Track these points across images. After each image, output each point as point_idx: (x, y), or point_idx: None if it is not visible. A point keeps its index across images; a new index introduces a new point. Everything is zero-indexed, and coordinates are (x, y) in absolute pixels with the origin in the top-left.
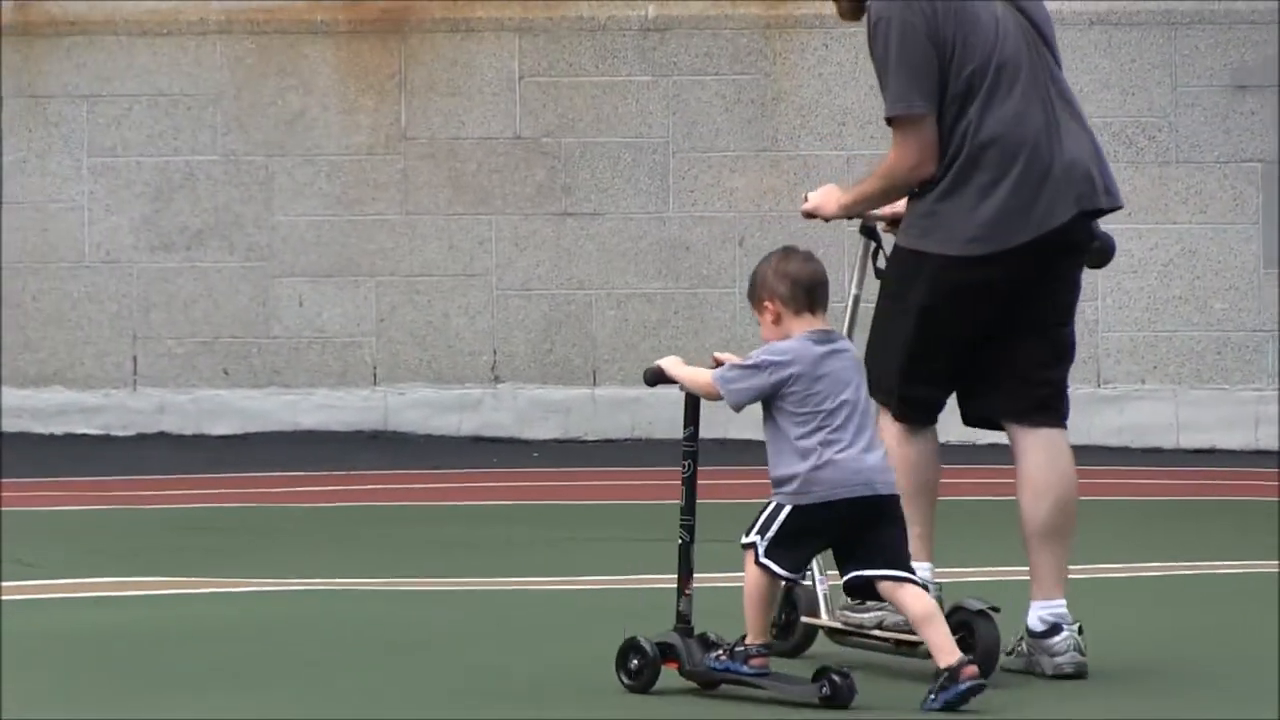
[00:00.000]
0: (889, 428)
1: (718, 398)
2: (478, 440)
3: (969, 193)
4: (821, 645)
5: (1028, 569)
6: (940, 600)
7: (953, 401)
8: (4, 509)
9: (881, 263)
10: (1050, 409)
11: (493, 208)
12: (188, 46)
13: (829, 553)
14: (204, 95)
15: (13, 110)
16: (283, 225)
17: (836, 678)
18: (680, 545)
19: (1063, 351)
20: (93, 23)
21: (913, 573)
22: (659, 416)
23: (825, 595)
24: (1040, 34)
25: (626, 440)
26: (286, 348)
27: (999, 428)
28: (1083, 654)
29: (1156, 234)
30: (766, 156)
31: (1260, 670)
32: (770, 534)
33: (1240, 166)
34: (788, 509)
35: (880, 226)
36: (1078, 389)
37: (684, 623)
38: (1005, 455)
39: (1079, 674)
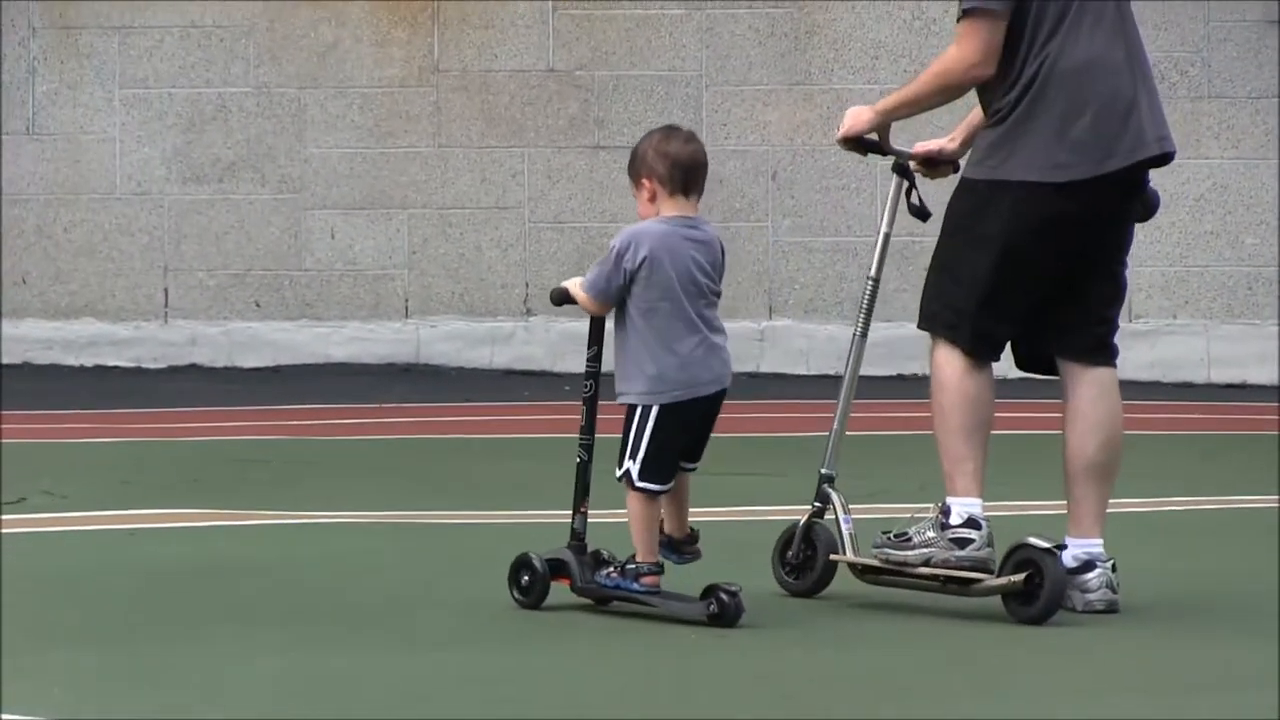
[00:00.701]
0: (953, 360)
1: (595, 307)
2: (509, 373)
3: (1051, 119)
4: (848, 585)
5: (1066, 505)
6: (990, 537)
7: None
8: (34, 441)
9: (916, 200)
10: (1108, 348)
11: (525, 140)
12: None
13: (848, 488)
14: (236, 27)
15: (44, 42)
16: (315, 157)
17: (725, 595)
18: (579, 464)
19: (1122, 291)
20: None
21: (697, 461)
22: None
23: (851, 534)
24: None
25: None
26: (318, 280)
27: (1050, 369)
28: (1115, 592)
29: (1188, 169)
30: (800, 90)
31: None
32: (640, 454)
33: (1273, 101)
34: (653, 415)
35: (913, 165)
36: None
37: (577, 540)
38: (1038, 390)
39: (1110, 610)
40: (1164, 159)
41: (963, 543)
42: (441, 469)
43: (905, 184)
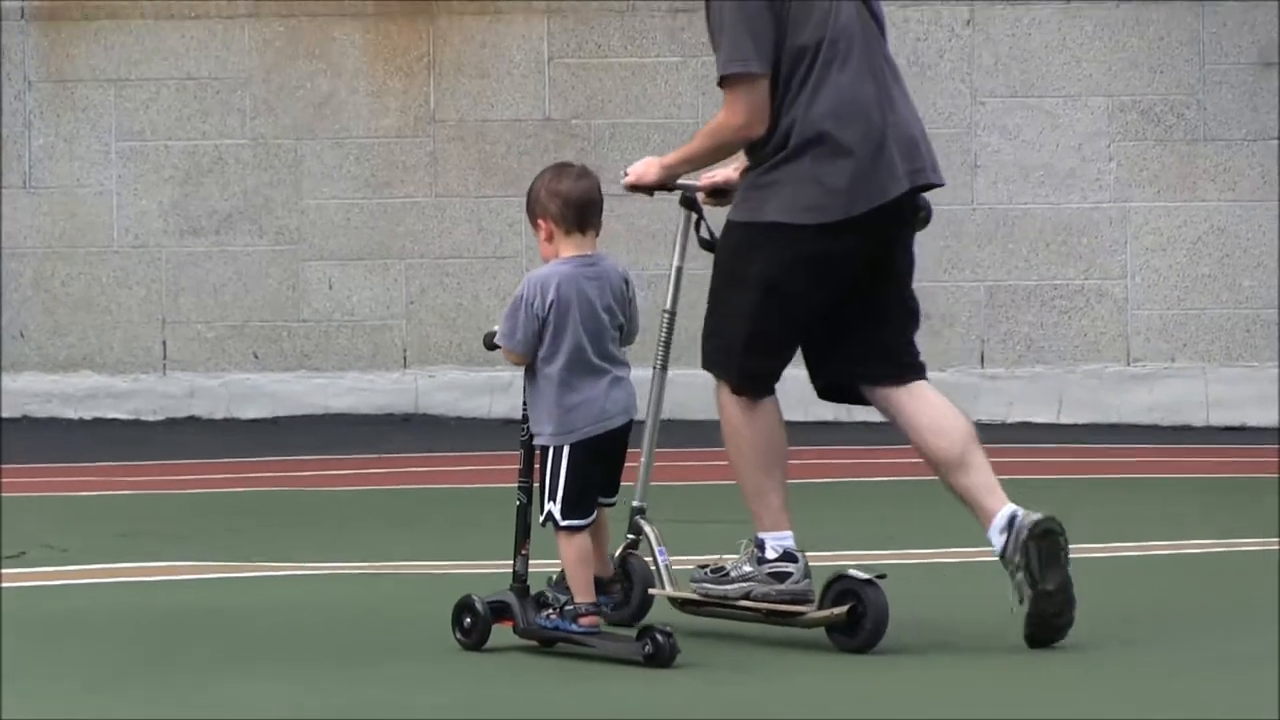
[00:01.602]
0: (729, 402)
1: (514, 359)
2: (509, 422)
3: (806, 163)
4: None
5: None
6: (807, 568)
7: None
8: (34, 494)
9: (705, 233)
10: (918, 366)
11: (522, 189)
12: (216, 30)
13: (860, 534)
14: (232, 78)
15: (41, 95)
16: (312, 208)
17: (660, 636)
18: (518, 507)
19: (914, 313)
20: (120, 6)
21: (613, 495)
22: (690, 398)
23: (667, 566)
24: (869, 6)
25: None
26: (316, 331)
27: (855, 398)
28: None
29: (1185, 211)
30: None
31: None
32: (559, 493)
33: (1268, 144)
34: (565, 455)
35: (700, 197)
36: (1107, 367)
37: (520, 582)
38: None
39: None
40: (925, 188)
41: (781, 576)
42: (441, 518)
43: (694, 217)
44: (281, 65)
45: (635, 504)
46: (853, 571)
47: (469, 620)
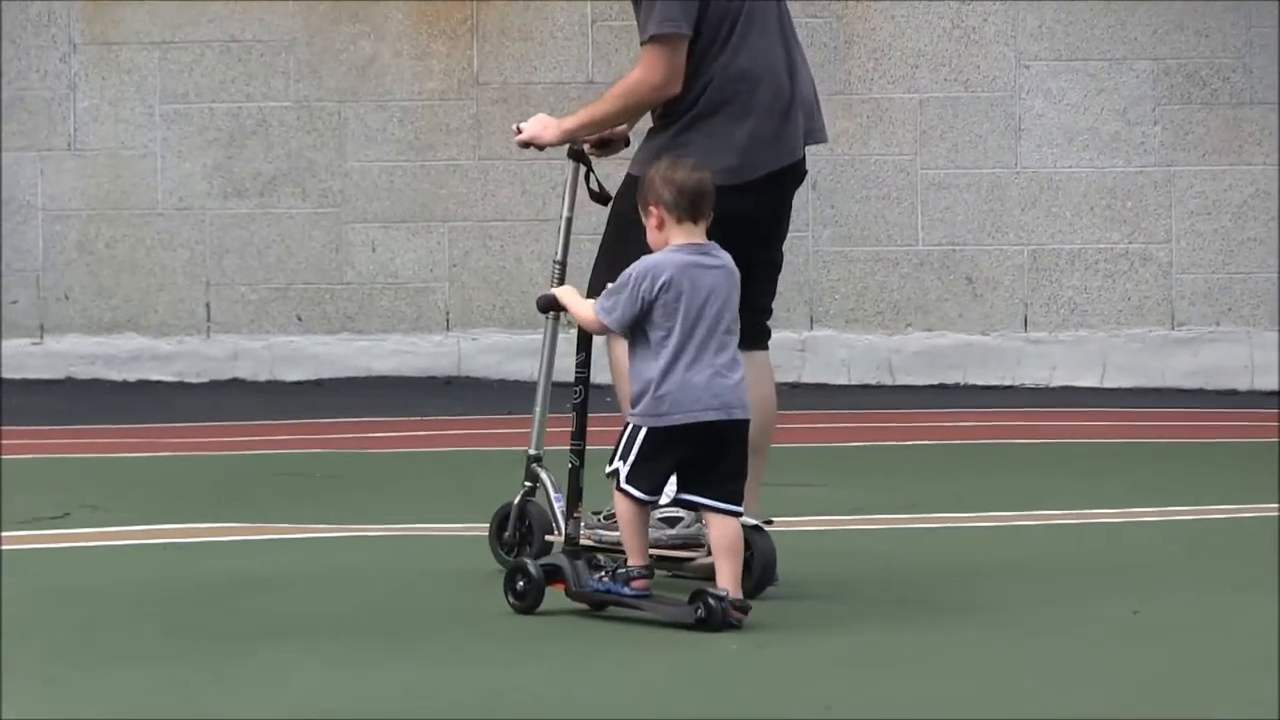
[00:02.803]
0: (621, 352)
1: (602, 330)
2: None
3: (716, 123)
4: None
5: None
6: (699, 517)
7: None
8: (77, 456)
9: (595, 185)
10: (764, 333)
11: (565, 152)
12: None
13: (884, 499)
14: (276, 41)
15: (85, 58)
16: (355, 171)
17: (711, 600)
18: (570, 469)
19: (777, 275)
20: None
21: (738, 503)
22: None
23: (562, 512)
24: None
25: None
26: (360, 294)
27: None
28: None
29: (1230, 175)
30: (839, 100)
31: None
32: (630, 459)
33: None
34: (644, 432)
35: (587, 149)
36: (1151, 331)
37: (571, 545)
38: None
39: (776, 581)
40: (816, 143)
41: (672, 521)
42: (483, 481)
43: (583, 169)
44: (325, 28)
45: (531, 452)
46: (742, 520)
47: (522, 583)
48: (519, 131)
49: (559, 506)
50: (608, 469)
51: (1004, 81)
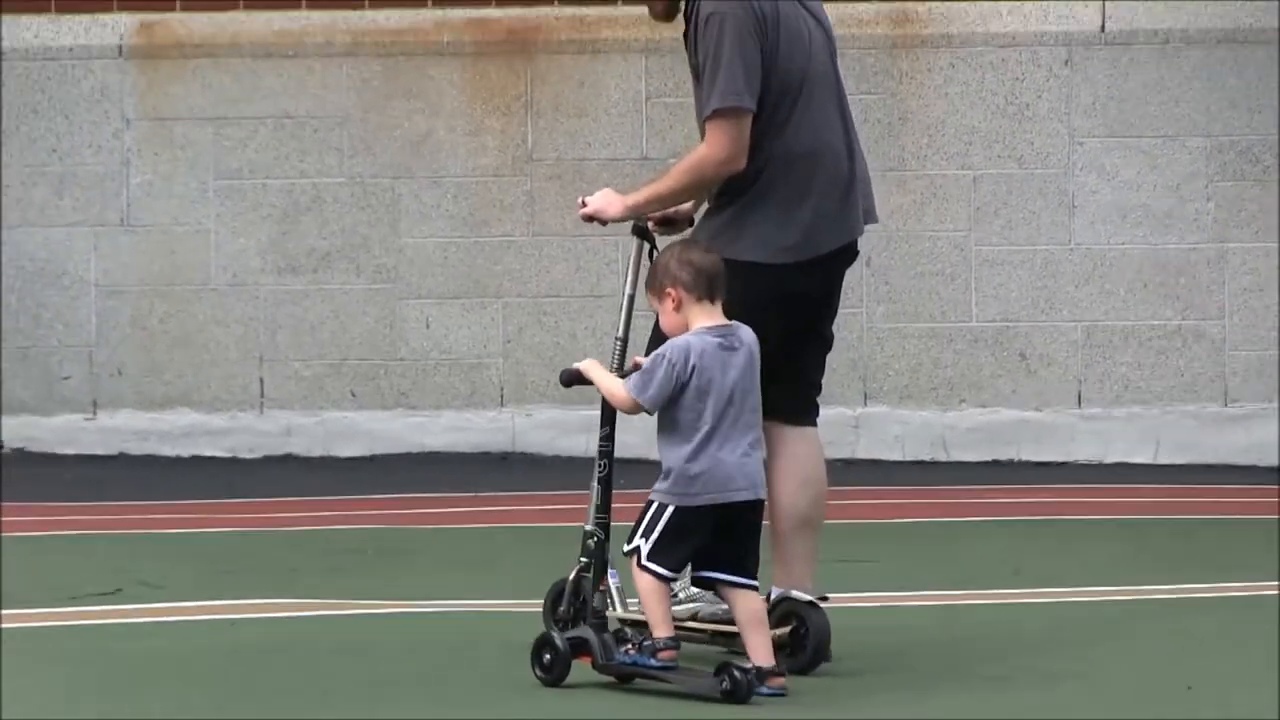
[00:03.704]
0: None
1: (633, 408)
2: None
3: (777, 201)
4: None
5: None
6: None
7: None
8: (129, 532)
9: None
10: (815, 408)
11: (619, 229)
12: (314, 68)
13: (940, 575)
14: (330, 117)
15: (139, 133)
16: (409, 247)
17: (737, 673)
18: (596, 542)
19: (827, 352)
20: (218, 45)
21: (754, 578)
22: None
23: (618, 588)
24: (832, 48)
25: None
26: (414, 369)
27: None
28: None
29: None
30: (893, 176)
31: None
32: (653, 537)
33: None
34: (670, 510)
35: (651, 226)
36: (1205, 408)
37: (598, 618)
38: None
39: (829, 658)
40: (868, 224)
41: None
42: (538, 556)
43: (646, 246)
44: (379, 104)
45: (588, 528)
46: (795, 593)
47: (549, 656)
48: (584, 205)
49: (614, 583)
50: (626, 547)
51: (1057, 158)
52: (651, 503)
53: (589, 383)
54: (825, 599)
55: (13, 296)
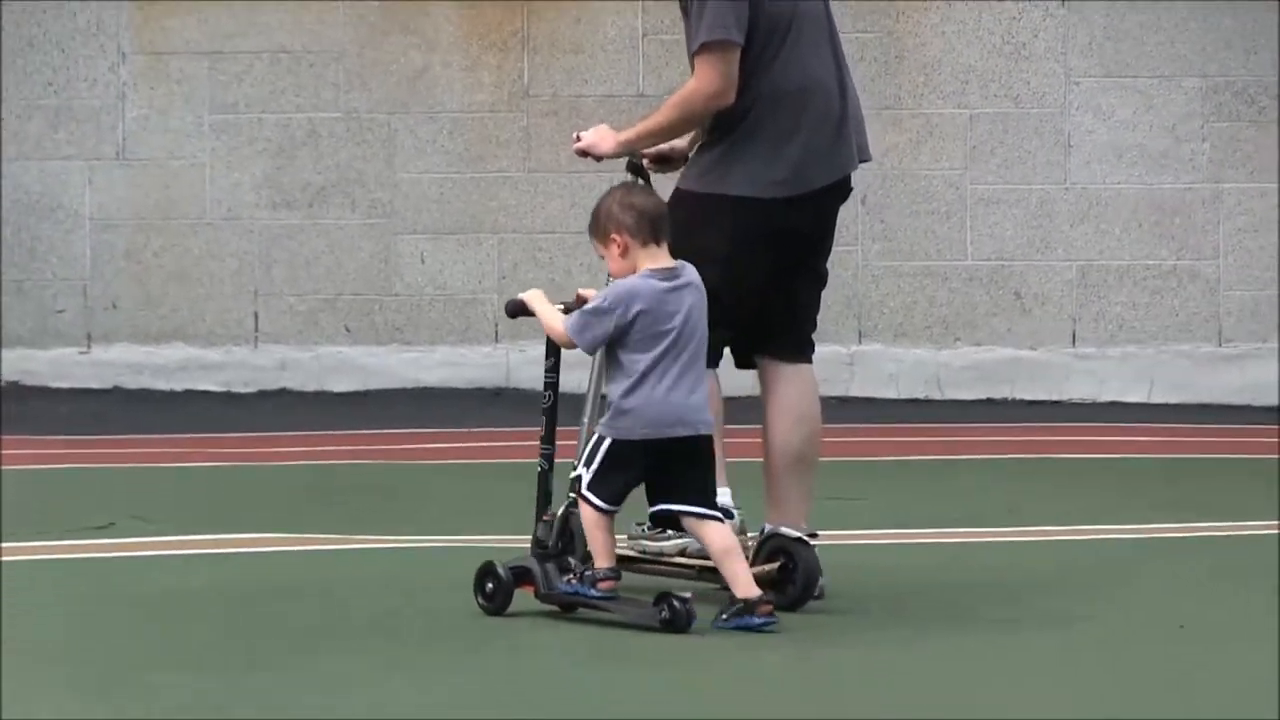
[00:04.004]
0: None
1: (570, 345)
2: (600, 398)
3: (767, 137)
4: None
5: (767, 495)
6: (743, 526)
7: None
8: (124, 466)
9: None
10: (810, 345)
11: (615, 165)
12: (309, 4)
13: (938, 512)
14: (326, 52)
15: (135, 67)
16: (405, 182)
17: (676, 603)
18: (539, 473)
19: (821, 290)
20: None
21: (716, 509)
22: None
23: None
24: None
25: (748, 398)
26: (408, 305)
27: (752, 365)
28: (822, 574)
29: (1278, 192)
30: (889, 114)
31: None
32: (593, 466)
33: None
34: (608, 442)
35: (646, 164)
36: (1199, 348)
37: (540, 548)
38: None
39: (821, 595)
40: (862, 162)
41: None
42: (530, 492)
43: (639, 182)
44: (375, 39)
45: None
46: (784, 529)
47: (491, 585)
48: (578, 139)
49: None
50: (572, 473)
51: (1053, 98)
52: (596, 434)
53: (533, 314)
54: (815, 536)
55: (8, 230)
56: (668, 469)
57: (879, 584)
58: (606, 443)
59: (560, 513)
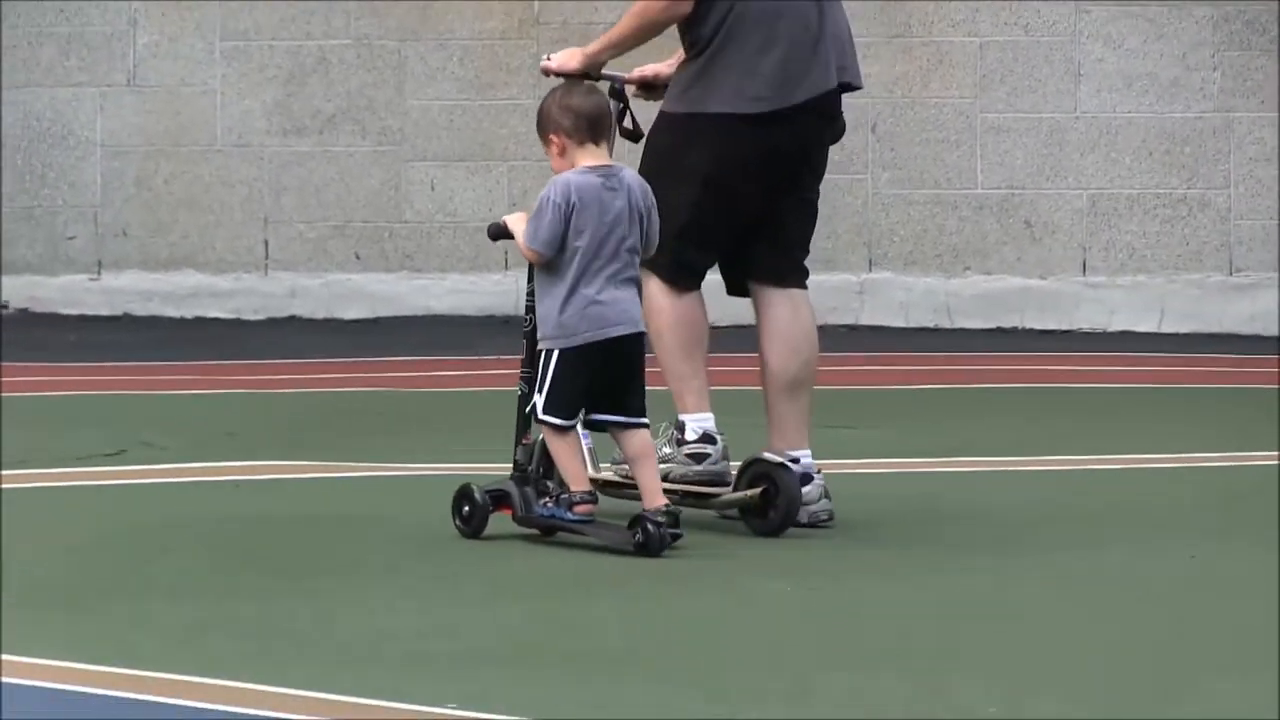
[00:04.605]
0: (657, 291)
1: (538, 258)
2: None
3: (745, 54)
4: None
5: (768, 419)
6: (725, 451)
7: None
8: (134, 393)
9: (629, 123)
10: (802, 270)
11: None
12: None
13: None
14: None
15: None
16: (415, 109)
17: (650, 526)
18: (519, 397)
19: (814, 215)
20: None
21: (643, 415)
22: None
23: (590, 450)
24: None
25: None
26: (418, 232)
27: (745, 292)
28: (830, 499)
29: None
30: (899, 43)
31: None
32: (545, 388)
33: None
34: (556, 356)
35: (629, 89)
36: (1209, 277)
37: (519, 470)
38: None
39: (831, 519)
40: (848, 88)
41: (699, 457)
42: None
43: (620, 106)
44: None
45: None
46: (767, 455)
47: (467, 508)
48: (548, 59)
49: (587, 444)
50: (528, 406)
51: (1064, 26)
52: (542, 352)
53: (513, 236)
54: (797, 461)
55: (18, 156)
56: (609, 373)
57: (887, 512)
58: (555, 357)
59: (540, 438)
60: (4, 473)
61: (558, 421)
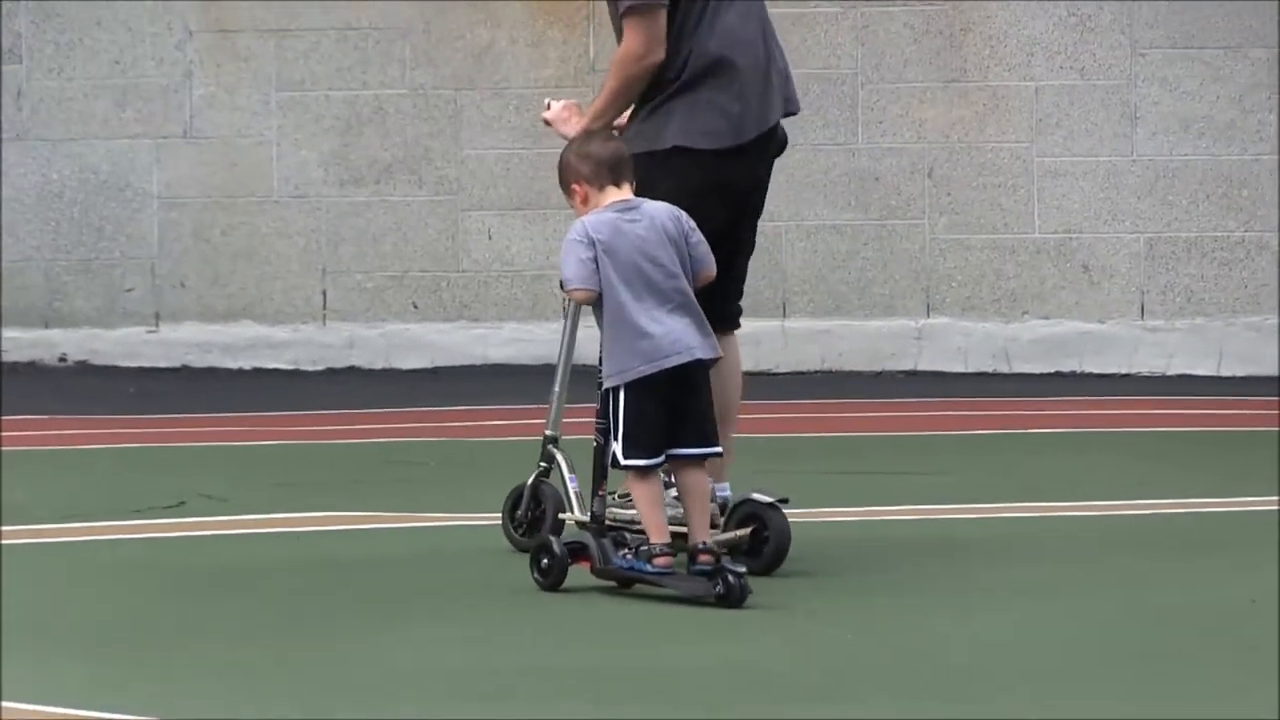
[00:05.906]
0: None
1: (580, 298)
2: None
3: (702, 93)
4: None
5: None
6: (713, 495)
7: None
8: (192, 444)
9: None
10: (738, 311)
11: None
12: None
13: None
14: (392, 29)
15: (202, 45)
16: (471, 159)
17: (731, 577)
18: (595, 447)
19: (748, 255)
20: None
21: (715, 443)
22: (849, 348)
23: (577, 492)
24: None
25: (816, 373)
26: (475, 281)
27: None
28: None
29: None
30: (955, 88)
31: None
32: (620, 434)
33: None
34: (622, 395)
35: (617, 135)
36: (1267, 320)
37: (597, 523)
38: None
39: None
40: (788, 114)
41: None
42: None
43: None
44: (441, 15)
45: (548, 433)
46: (756, 495)
47: (546, 560)
48: (549, 108)
49: (573, 487)
50: (606, 457)
51: (1120, 69)
52: (606, 397)
53: None
54: (785, 501)
55: (76, 209)
56: (674, 403)
57: (947, 557)
58: (622, 394)
59: (530, 482)
60: (63, 525)
61: (639, 463)
